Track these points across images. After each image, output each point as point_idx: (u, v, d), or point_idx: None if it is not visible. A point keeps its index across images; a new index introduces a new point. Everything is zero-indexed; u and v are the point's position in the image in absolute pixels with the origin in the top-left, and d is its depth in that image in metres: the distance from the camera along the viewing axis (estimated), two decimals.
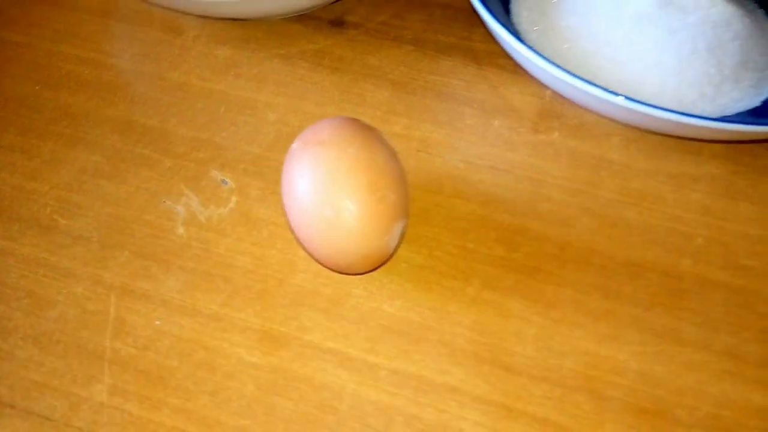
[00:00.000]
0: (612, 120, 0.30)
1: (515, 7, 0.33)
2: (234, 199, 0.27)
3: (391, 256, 0.24)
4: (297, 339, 0.23)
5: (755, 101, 0.29)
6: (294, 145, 0.23)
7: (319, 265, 0.25)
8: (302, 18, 0.35)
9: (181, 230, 0.26)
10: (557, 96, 0.31)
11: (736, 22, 0.31)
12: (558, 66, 0.27)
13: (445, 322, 0.24)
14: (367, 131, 0.23)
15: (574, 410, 0.21)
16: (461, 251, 0.26)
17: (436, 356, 0.23)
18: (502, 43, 0.29)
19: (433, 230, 0.26)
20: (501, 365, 0.23)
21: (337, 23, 0.35)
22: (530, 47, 0.27)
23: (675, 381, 0.22)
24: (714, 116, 0.29)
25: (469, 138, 0.30)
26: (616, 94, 0.26)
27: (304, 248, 0.24)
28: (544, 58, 0.27)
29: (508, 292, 0.24)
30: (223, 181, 0.28)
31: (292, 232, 0.24)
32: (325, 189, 0.22)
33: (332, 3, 0.35)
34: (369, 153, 0.22)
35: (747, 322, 0.23)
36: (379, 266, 0.24)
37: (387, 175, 0.22)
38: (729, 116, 0.28)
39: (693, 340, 0.23)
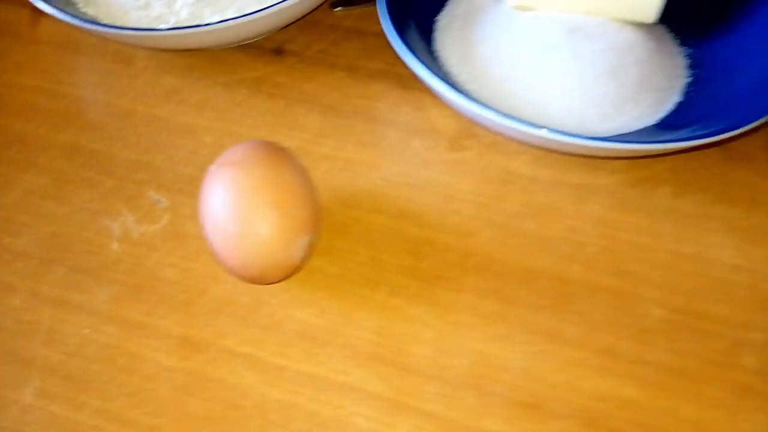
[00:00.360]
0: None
1: (439, 35, 0.36)
2: (167, 216, 0.30)
3: (300, 267, 0.26)
4: (213, 344, 0.25)
5: (653, 119, 0.31)
6: (211, 167, 0.26)
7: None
8: (245, 47, 0.38)
9: (115, 246, 0.29)
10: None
11: (639, 47, 0.33)
12: (464, 95, 0.29)
13: (351, 327, 0.26)
14: (276, 153, 0.26)
15: (459, 405, 0.23)
16: (372, 261, 0.28)
17: (339, 358, 0.25)
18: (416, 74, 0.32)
19: (349, 242, 0.28)
20: (398, 365, 0.25)
21: (278, 52, 0.37)
22: (440, 77, 0.30)
23: (554, 377, 0.24)
24: (614, 134, 0.31)
25: (389, 157, 0.32)
26: (518, 120, 0.28)
27: (219, 261, 0.26)
28: (453, 88, 0.29)
29: (412, 299, 0.26)
30: (158, 200, 0.30)
31: (210, 246, 0.27)
32: (234, 206, 0.24)
33: (274, 33, 0.38)
34: (276, 173, 0.25)
35: (625, 322, 0.25)
36: (288, 277, 0.26)
37: (292, 193, 0.25)
38: (621, 135, 0.30)
39: (574, 339, 0.25)
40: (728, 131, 0.27)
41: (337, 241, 0.28)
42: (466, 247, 0.28)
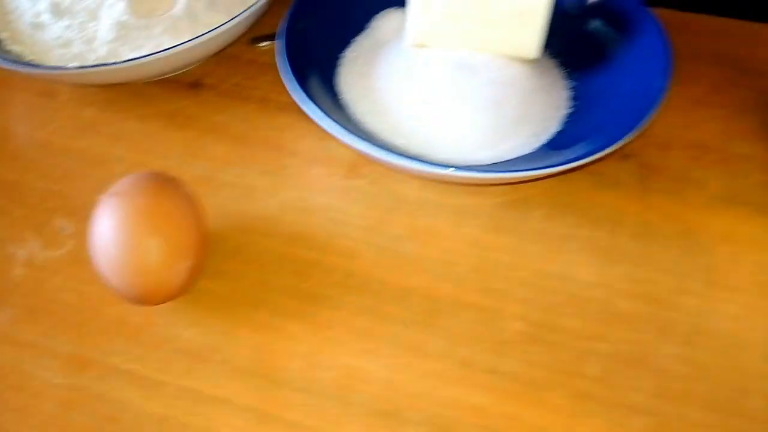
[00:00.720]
0: None
1: (343, 69, 0.38)
2: (71, 243, 0.31)
3: (185, 289, 0.28)
4: (100, 362, 0.27)
5: (532, 147, 0.34)
6: (101, 197, 0.28)
7: None
8: (164, 81, 0.40)
9: (18, 271, 0.30)
10: None
11: (521, 82, 0.36)
12: (348, 129, 0.31)
13: (231, 345, 0.28)
14: (161, 183, 0.28)
15: (322, 414, 0.25)
16: (259, 283, 0.30)
17: (218, 373, 0.27)
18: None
19: (240, 265, 0.30)
20: (270, 379, 0.26)
21: (195, 85, 0.40)
22: (325, 111, 0.32)
23: (413, 387, 0.26)
24: (494, 161, 0.33)
25: (288, 184, 0.34)
26: (394, 154, 0.30)
27: (107, 284, 0.28)
28: (339, 124, 0.31)
29: (292, 317, 0.28)
30: (63, 228, 0.32)
31: (99, 270, 0.28)
32: (117, 233, 0.26)
33: (191, 67, 0.40)
34: (158, 201, 0.27)
35: (485, 335, 0.27)
36: (171, 298, 0.28)
37: (174, 220, 0.27)
38: (498, 163, 0.33)
39: (436, 351, 0.27)
40: (584, 158, 0.30)
41: (229, 264, 0.30)
42: (349, 268, 0.30)
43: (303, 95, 0.32)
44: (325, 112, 0.31)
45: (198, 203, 0.29)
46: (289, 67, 0.34)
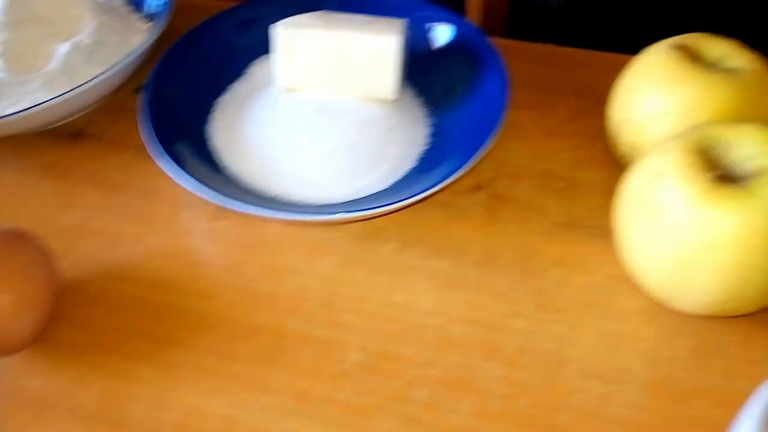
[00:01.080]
0: None
1: (216, 114, 0.40)
2: None
3: (32, 340, 0.29)
4: None
5: (386, 184, 0.36)
6: None
7: None
8: (46, 132, 0.41)
9: None
10: None
11: (381, 121, 0.38)
12: (202, 182, 0.32)
13: (80, 391, 0.29)
14: (11, 238, 0.29)
15: None
16: (115, 329, 0.31)
17: (64, 421, 0.28)
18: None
19: (98, 312, 0.31)
20: (114, 423, 0.27)
21: (77, 135, 0.41)
22: (183, 167, 0.33)
23: (251, 422, 0.27)
24: (348, 198, 0.35)
25: (156, 229, 0.35)
26: (241, 203, 0.31)
27: None
28: (193, 177, 0.32)
29: (142, 360, 0.30)
30: None
31: None
32: None
33: (74, 118, 0.42)
34: (4, 257, 0.28)
35: (325, 368, 0.29)
36: (19, 349, 0.29)
37: (20, 275, 0.28)
38: (351, 201, 0.35)
39: (277, 386, 0.28)
40: (423, 192, 0.32)
41: (87, 311, 0.31)
42: (204, 309, 0.32)
43: (159, 148, 0.34)
44: (180, 165, 0.33)
45: (51, 255, 0.30)
46: (149, 120, 0.35)
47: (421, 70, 0.42)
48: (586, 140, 0.39)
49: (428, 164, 0.37)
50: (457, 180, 0.37)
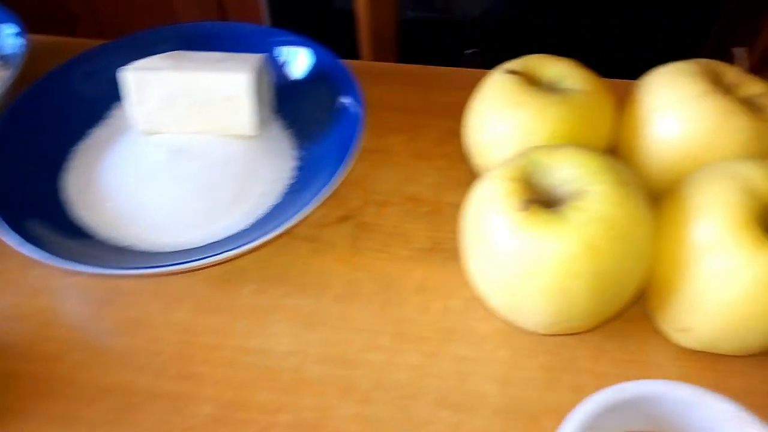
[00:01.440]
0: None
1: (72, 163, 0.38)
2: None
3: None
4: None
5: (246, 224, 0.35)
6: None
7: None
8: None
9: None
10: None
11: (241, 160, 0.37)
12: (43, 248, 0.31)
13: None
14: None
15: None
16: None
17: None
18: None
19: None
20: None
21: None
22: (31, 239, 0.31)
23: None
24: (205, 242, 0.34)
25: (5, 290, 0.33)
26: (77, 263, 0.30)
27: None
28: (43, 249, 0.31)
29: None
30: None
31: None
32: None
33: None
34: None
35: (176, 424, 0.28)
36: None
37: None
38: (204, 245, 0.34)
39: None
40: (278, 228, 0.31)
41: None
42: (50, 373, 0.30)
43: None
44: (22, 231, 0.32)
45: None
46: None
47: (289, 101, 0.42)
48: (453, 162, 0.40)
49: (291, 198, 0.36)
50: (324, 212, 0.37)
